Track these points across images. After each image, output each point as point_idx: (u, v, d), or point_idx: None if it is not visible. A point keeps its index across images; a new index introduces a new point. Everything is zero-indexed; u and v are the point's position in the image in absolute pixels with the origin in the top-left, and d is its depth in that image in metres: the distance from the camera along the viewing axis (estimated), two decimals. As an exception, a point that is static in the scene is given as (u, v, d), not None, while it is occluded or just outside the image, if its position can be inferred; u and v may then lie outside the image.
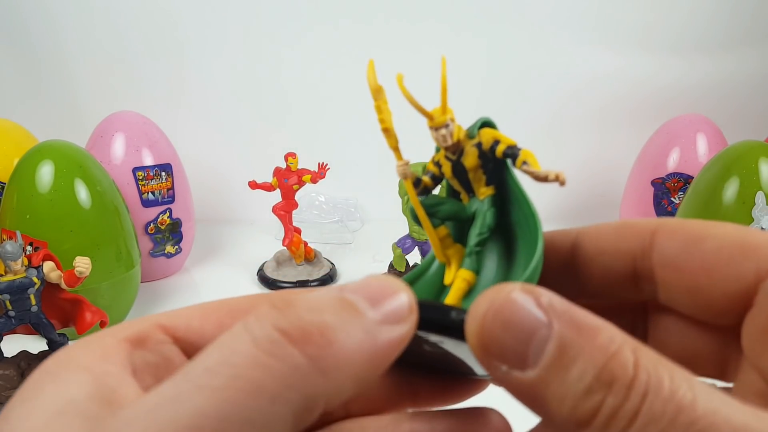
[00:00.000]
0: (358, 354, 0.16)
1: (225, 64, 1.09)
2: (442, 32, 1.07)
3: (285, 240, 0.88)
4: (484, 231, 0.25)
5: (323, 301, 0.17)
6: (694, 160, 0.86)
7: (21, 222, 0.66)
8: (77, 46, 1.07)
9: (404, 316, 0.17)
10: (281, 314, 0.16)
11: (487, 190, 0.26)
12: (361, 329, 0.16)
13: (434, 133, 0.24)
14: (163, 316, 0.21)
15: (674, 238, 0.21)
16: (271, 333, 0.15)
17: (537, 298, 0.17)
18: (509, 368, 0.17)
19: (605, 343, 0.15)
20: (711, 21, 1.05)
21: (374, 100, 0.23)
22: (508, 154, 0.25)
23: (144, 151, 0.84)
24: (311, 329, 0.15)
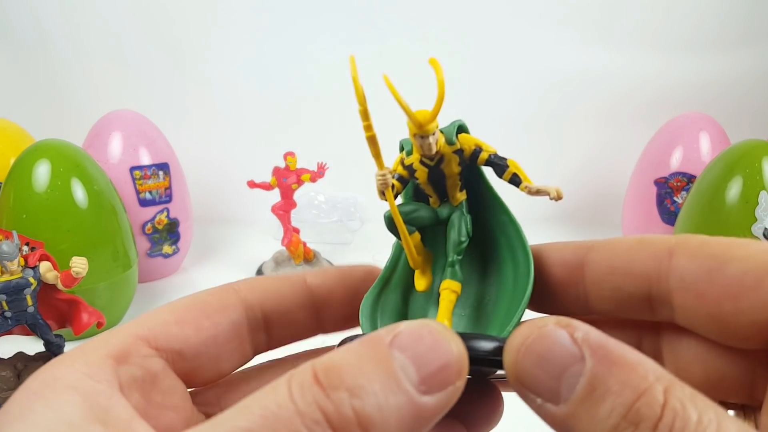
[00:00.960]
0: None
1: (223, 63, 1.09)
2: (443, 30, 1.06)
3: (284, 240, 0.87)
4: (464, 239, 0.25)
5: (367, 371, 0.16)
6: (697, 160, 0.85)
7: (17, 222, 0.65)
8: (74, 45, 1.06)
9: (451, 382, 0.17)
10: (324, 393, 0.15)
11: (461, 195, 0.26)
12: (402, 406, 0.16)
13: (419, 141, 0.23)
14: (140, 326, 0.20)
15: (694, 260, 0.20)
16: (314, 412, 0.15)
17: (572, 333, 0.16)
18: (543, 401, 0.17)
19: (636, 381, 0.15)
20: (714, 19, 1.05)
21: (360, 105, 0.22)
22: (494, 163, 0.25)
23: (141, 150, 0.84)
24: (350, 416, 0.15)
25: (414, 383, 0.16)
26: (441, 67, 0.21)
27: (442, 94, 0.22)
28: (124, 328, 0.20)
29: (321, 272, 0.26)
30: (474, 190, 0.26)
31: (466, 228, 0.25)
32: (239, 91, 1.10)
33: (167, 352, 0.21)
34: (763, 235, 0.67)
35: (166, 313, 0.21)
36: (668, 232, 0.85)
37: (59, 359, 0.18)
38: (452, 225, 0.25)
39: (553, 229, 1.08)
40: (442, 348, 0.17)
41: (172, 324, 0.21)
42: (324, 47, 1.08)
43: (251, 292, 0.24)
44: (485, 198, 0.26)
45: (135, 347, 0.20)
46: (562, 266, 0.23)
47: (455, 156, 0.24)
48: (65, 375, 0.17)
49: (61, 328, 0.62)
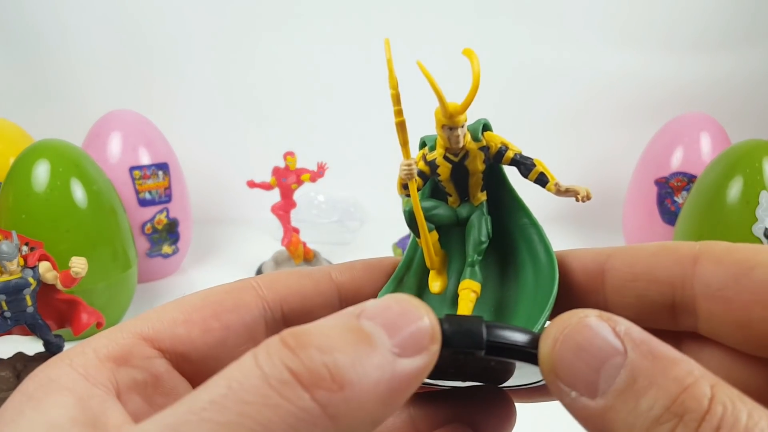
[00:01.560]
0: (372, 395, 0.15)
1: (223, 62, 1.09)
2: (445, 29, 1.06)
3: (284, 240, 0.87)
4: (484, 240, 0.24)
5: (337, 333, 0.16)
6: (698, 159, 0.85)
7: (17, 222, 0.65)
8: (74, 45, 1.06)
9: (425, 345, 0.16)
10: (292, 353, 0.15)
11: (482, 195, 0.25)
12: (377, 366, 0.15)
13: (448, 132, 0.23)
14: (144, 325, 0.20)
15: (720, 266, 0.20)
16: (282, 372, 0.15)
17: (614, 326, 0.16)
18: (578, 395, 0.16)
19: (681, 375, 0.15)
20: (715, 19, 1.05)
21: (392, 89, 0.21)
22: (520, 162, 0.24)
23: (141, 150, 0.84)
24: (322, 372, 0.15)
25: (387, 347, 0.16)
26: (477, 57, 0.21)
27: (477, 86, 0.21)
28: (127, 325, 0.20)
29: (348, 267, 0.25)
30: (494, 192, 0.26)
31: (487, 229, 0.24)
32: (239, 91, 1.10)
33: (171, 354, 0.20)
34: (764, 235, 0.67)
35: (173, 311, 0.21)
36: (669, 232, 0.85)
37: (59, 357, 0.18)
38: (472, 225, 0.25)
39: (553, 229, 1.07)
40: (412, 314, 0.16)
41: (179, 324, 0.20)
42: (324, 47, 1.07)
43: (271, 289, 0.23)
44: (505, 200, 0.26)
45: (137, 348, 0.19)
46: (582, 273, 0.23)
47: (480, 153, 0.24)
48: (62, 376, 0.17)
49: (60, 328, 0.62)
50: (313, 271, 0.24)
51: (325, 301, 0.24)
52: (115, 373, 0.18)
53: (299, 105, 1.10)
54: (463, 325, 0.17)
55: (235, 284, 0.22)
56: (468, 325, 0.17)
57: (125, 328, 0.19)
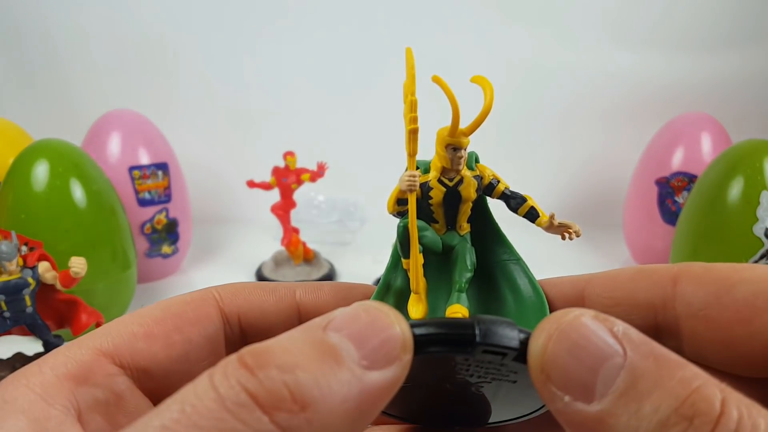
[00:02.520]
0: (338, 414, 0.14)
1: (222, 62, 1.08)
2: (445, 30, 1.06)
3: (283, 240, 0.87)
4: (470, 268, 0.24)
5: (299, 349, 0.15)
6: (699, 159, 0.85)
7: (16, 222, 0.65)
8: (73, 44, 1.06)
9: (396, 356, 0.15)
10: (250, 374, 0.14)
11: (467, 226, 0.25)
12: (343, 382, 0.14)
13: (451, 153, 0.23)
14: (104, 340, 0.19)
15: (700, 285, 0.19)
16: (238, 394, 0.14)
17: (610, 327, 0.15)
18: (572, 399, 0.15)
19: (688, 377, 0.14)
20: (716, 19, 1.05)
21: (410, 95, 0.21)
22: (510, 196, 0.24)
23: (140, 149, 0.83)
24: (283, 392, 0.14)
25: (355, 360, 0.15)
26: (491, 87, 0.21)
27: (486, 113, 0.21)
28: (87, 339, 0.19)
29: (314, 288, 0.24)
30: (476, 226, 0.26)
31: (473, 259, 0.24)
32: (239, 90, 1.10)
33: (133, 370, 0.19)
34: (764, 235, 0.66)
35: (134, 324, 0.20)
36: (669, 232, 0.85)
37: (15, 376, 0.17)
38: (459, 253, 0.24)
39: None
40: (382, 323, 0.15)
41: (139, 338, 0.19)
42: (325, 48, 1.07)
43: (232, 301, 0.22)
44: (487, 234, 0.26)
45: (98, 365, 0.18)
46: (560, 301, 0.22)
47: (474, 181, 0.24)
48: (18, 397, 0.16)
49: (59, 328, 0.62)
50: (278, 287, 0.23)
51: (285, 319, 0.23)
52: (75, 393, 0.17)
53: (299, 105, 1.10)
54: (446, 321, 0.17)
55: (195, 294, 0.22)
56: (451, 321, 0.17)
57: (84, 343, 0.19)
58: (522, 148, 1.10)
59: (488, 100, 0.21)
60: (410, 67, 0.21)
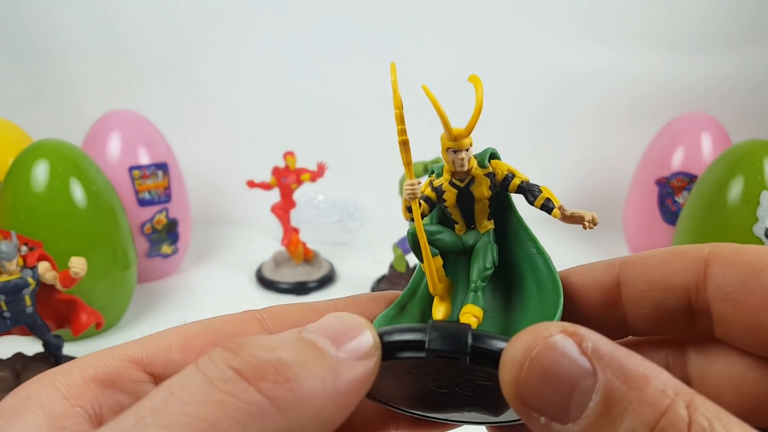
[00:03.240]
0: (319, 392, 0.15)
1: (223, 63, 1.08)
2: (447, 32, 1.06)
3: (283, 240, 0.87)
4: (489, 266, 0.24)
5: (280, 340, 0.16)
6: (699, 159, 0.85)
7: (16, 222, 0.65)
8: (73, 45, 1.06)
9: (368, 352, 0.17)
10: (234, 354, 0.15)
11: (488, 224, 0.25)
12: (322, 366, 0.15)
13: (452, 155, 0.23)
14: (138, 348, 0.19)
15: (730, 268, 0.19)
16: (224, 371, 0.15)
17: (580, 343, 0.15)
18: (548, 420, 0.15)
19: (656, 397, 0.14)
20: (716, 19, 1.05)
21: (396, 109, 0.21)
22: (524, 189, 0.24)
23: (140, 149, 0.83)
24: (267, 367, 0.15)
25: (332, 350, 0.16)
26: (481, 84, 0.21)
27: (479, 111, 0.21)
28: (121, 347, 0.19)
29: (353, 300, 0.24)
30: (502, 222, 0.25)
31: (492, 256, 0.24)
32: (239, 91, 1.10)
33: (163, 380, 0.19)
34: (764, 235, 0.66)
35: (171, 337, 0.20)
36: (670, 232, 0.85)
37: (45, 374, 0.17)
38: (477, 252, 0.24)
39: (553, 229, 1.07)
40: (351, 325, 0.17)
41: (175, 350, 0.19)
42: (324, 47, 1.07)
43: (276, 322, 0.22)
44: (514, 230, 0.25)
45: (126, 371, 0.18)
46: (596, 288, 0.22)
47: (486, 179, 0.24)
48: (41, 394, 0.17)
49: (59, 328, 0.62)
50: (319, 305, 0.24)
51: None
52: (99, 396, 0.18)
53: (299, 105, 1.10)
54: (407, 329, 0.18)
55: (238, 315, 0.22)
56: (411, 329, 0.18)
57: (117, 350, 0.19)
58: (522, 148, 1.10)
59: (479, 97, 0.21)
60: (394, 82, 0.21)
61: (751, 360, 0.20)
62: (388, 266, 0.86)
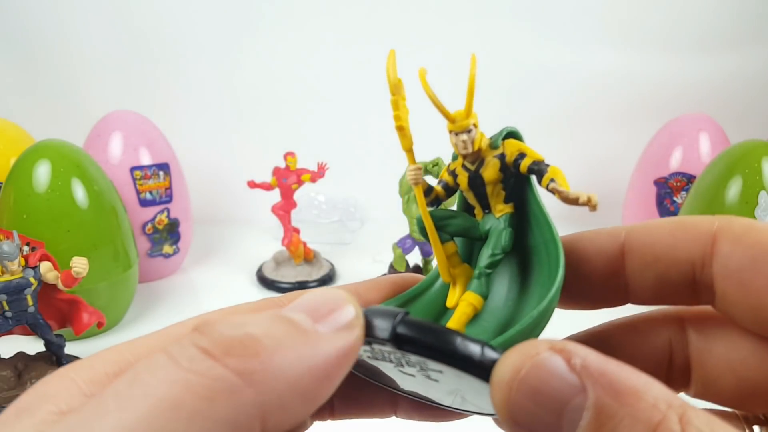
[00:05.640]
0: (293, 364, 0.14)
1: (223, 63, 1.09)
2: (445, 29, 1.06)
3: (284, 240, 0.87)
4: (497, 252, 0.23)
5: (251, 318, 0.15)
6: (697, 160, 0.85)
7: (18, 222, 0.65)
8: (75, 45, 1.06)
9: (350, 323, 0.16)
10: (201, 334, 0.15)
11: (505, 207, 0.24)
12: (296, 339, 0.15)
13: (454, 138, 0.22)
14: (159, 341, 0.19)
15: (738, 246, 0.19)
16: (190, 350, 0.14)
17: (568, 359, 0.15)
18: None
19: (648, 412, 0.14)
20: (715, 19, 1.05)
21: (391, 95, 0.21)
22: (534, 170, 0.23)
23: (141, 150, 0.84)
24: (233, 343, 0.14)
25: (309, 324, 0.15)
26: (475, 62, 0.21)
27: (472, 89, 0.21)
28: (143, 340, 0.19)
29: (375, 284, 0.24)
30: (524, 205, 0.24)
31: (503, 242, 0.23)
32: (239, 91, 1.10)
33: None
34: (762, 236, 0.67)
35: (188, 329, 0.19)
36: (668, 232, 0.85)
37: (65, 369, 0.17)
38: (490, 237, 0.23)
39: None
40: (332, 297, 0.16)
41: None
42: (324, 47, 1.08)
43: None
44: (534, 214, 0.24)
45: None
46: (600, 257, 0.22)
47: (496, 160, 0.23)
48: (61, 390, 0.16)
49: (61, 328, 0.62)
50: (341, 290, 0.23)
51: None
52: None
53: (299, 105, 1.11)
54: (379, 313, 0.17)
55: (261, 301, 0.21)
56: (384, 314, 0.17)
57: (140, 343, 0.19)
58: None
59: (471, 74, 0.21)
60: (391, 69, 0.21)
61: (753, 344, 0.19)
62: (389, 266, 0.86)
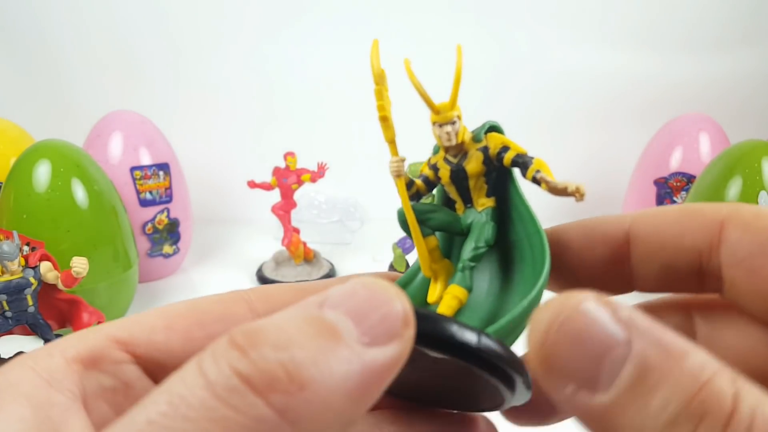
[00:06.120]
0: (339, 392, 0.13)
1: (223, 63, 1.09)
2: (444, 29, 1.06)
3: (284, 240, 0.87)
4: (481, 245, 0.22)
5: (295, 327, 0.14)
6: (697, 160, 0.85)
7: (18, 222, 0.65)
8: (74, 45, 1.06)
9: (397, 332, 0.14)
10: (242, 355, 0.13)
11: (487, 201, 0.24)
12: (343, 360, 0.13)
13: (438, 130, 0.22)
14: (120, 328, 0.18)
15: (747, 232, 0.18)
16: (229, 378, 0.13)
17: (614, 311, 0.14)
18: (576, 389, 0.14)
19: (696, 369, 0.13)
20: (715, 19, 1.05)
21: (375, 84, 0.21)
22: (518, 162, 0.22)
23: (141, 150, 0.84)
24: (278, 373, 0.13)
25: (354, 337, 0.14)
26: (461, 52, 0.21)
27: (458, 79, 0.21)
28: (101, 327, 0.18)
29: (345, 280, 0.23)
30: (505, 199, 0.24)
31: (486, 235, 0.23)
32: (239, 91, 1.10)
33: (146, 361, 0.18)
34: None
35: (154, 317, 0.19)
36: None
37: (23, 358, 0.16)
38: (472, 231, 0.23)
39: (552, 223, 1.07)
40: (381, 298, 0.14)
41: (158, 330, 0.18)
42: (324, 47, 1.08)
43: (265, 303, 0.21)
44: (516, 208, 0.24)
45: (108, 351, 0.17)
46: (605, 245, 0.21)
47: (479, 153, 0.23)
48: (22, 381, 0.15)
49: (61, 328, 0.62)
50: (311, 285, 0.22)
51: None
52: (83, 378, 0.16)
53: (299, 105, 1.11)
54: (433, 316, 0.16)
55: (226, 294, 0.21)
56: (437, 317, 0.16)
57: (98, 330, 0.18)
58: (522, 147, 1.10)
59: (458, 64, 0.20)
60: (375, 59, 0.21)
61: (762, 332, 0.19)
62: (388, 266, 0.86)
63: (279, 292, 0.22)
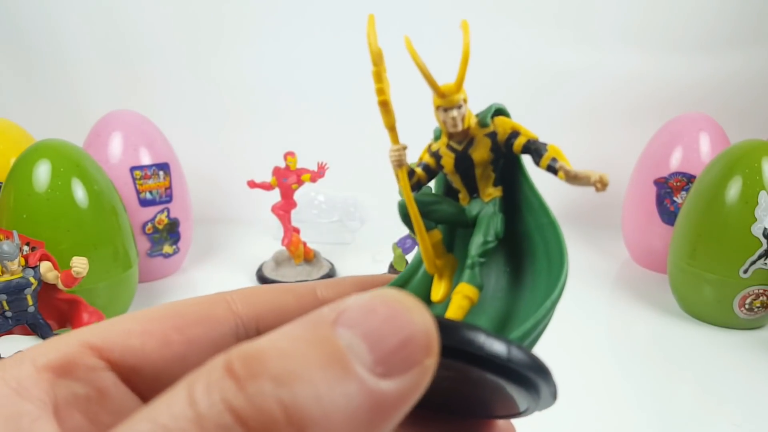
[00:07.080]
0: None
1: (223, 63, 1.09)
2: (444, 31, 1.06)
3: (284, 240, 0.87)
4: (491, 240, 0.21)
5: (300, 354, 0.12)
6: (697, 160, 0.85)
7: (18, 221, 0.65)
8: (75, 45, 1.06)
9: (417, 360, 0.13)
10: (238, 388, 0.12)
11: (494, 191, 0.22)
12: (352, 395, 0.12)
13: (442, 115, 0.20)
14: (94, 333, 0.17)
15: None
16: (221, 414, 0.11)
17: None
18: None
19: None
20: (714, 19, 1.05)
21: (373, 65, 0.19)
22: (530, 149, 0.21)
23: (141, 150, 0.84)
24: (276, 414, 0.11)
25: (368, 365, 0.12)
26: (468, 30, 0.19)
27: (466, 58, 0.19)
28: (74, 333, 0.17)
29: (334, 283, 0.22)
30: (513, 188, 0.22)
31: (495, 228, 0.21)
32: (239, 91, 1.10)
33: (121, 367, 0.17)
34: (762, 235, 0.67)
35: (130, 321, 0.18)
36: (668, 232, 0.85)
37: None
38: (480, 224, 0.21)
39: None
40: (402, 318, 0.13)
41: (134, 334, 0.17)
42: (325, 47, 1.08)
43: (247, 304, 0.20)
44: (526, 197, 0.22)
45: (81, 357, 0.16)
46: None
47: (486, 140, 0.21)
48: None
49: (61, 328, 0.62)
50: (296, 287, 0.22)
51: None
52: (54, 386, 0.16)
53: (299, 105, 1.11)
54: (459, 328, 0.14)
55: (206, 297, 0.20)
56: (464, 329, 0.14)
57: (71, 336, 0.17)
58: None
59: (465, 42, 0.19)
60: (372, 36, 0.19)
61: None
62: (388, 266, 0.86)
63: (260, 292, 0.21)
